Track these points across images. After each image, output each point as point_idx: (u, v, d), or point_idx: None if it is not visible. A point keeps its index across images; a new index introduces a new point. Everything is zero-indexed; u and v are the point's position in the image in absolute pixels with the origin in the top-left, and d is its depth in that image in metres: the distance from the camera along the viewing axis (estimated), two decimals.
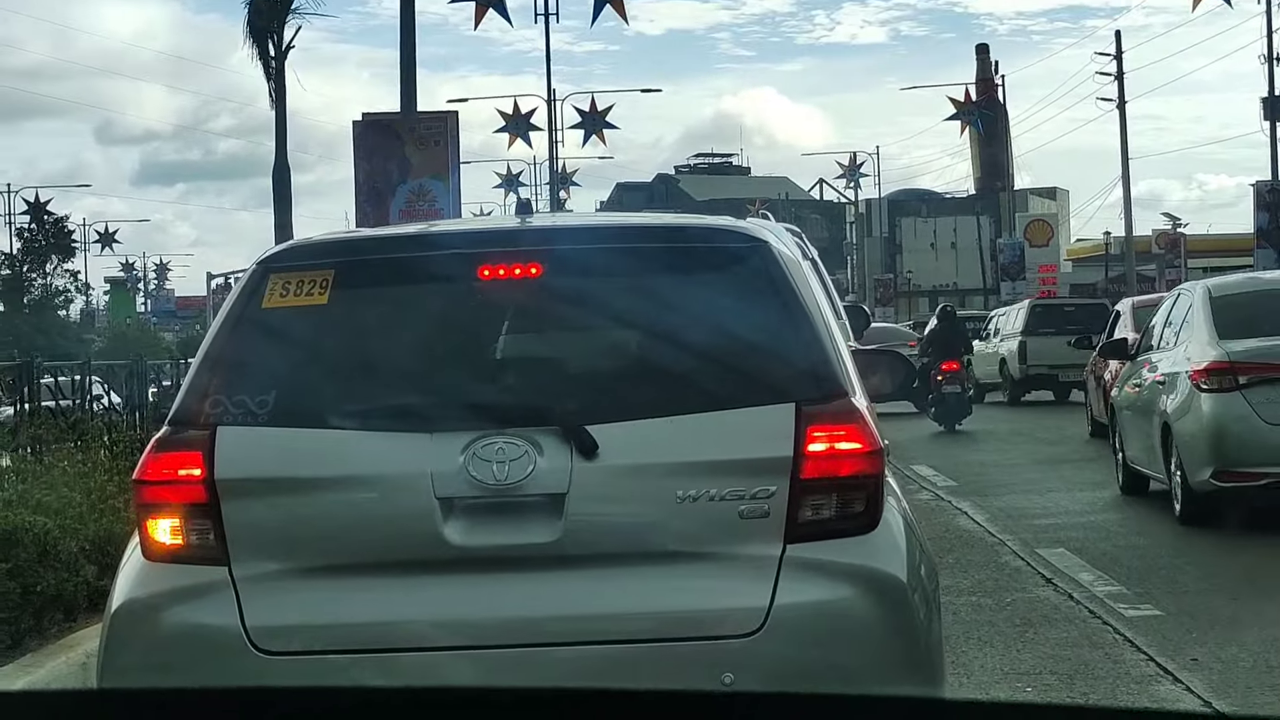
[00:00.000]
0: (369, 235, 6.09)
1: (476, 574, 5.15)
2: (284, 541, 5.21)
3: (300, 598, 5.16)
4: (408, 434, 5.20)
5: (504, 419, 5.20)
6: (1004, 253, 77.76)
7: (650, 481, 5.15)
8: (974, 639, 9.57)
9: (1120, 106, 61.50)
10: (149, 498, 5.35)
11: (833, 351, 5.41)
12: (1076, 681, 8.47)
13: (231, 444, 5.24)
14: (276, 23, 29.37)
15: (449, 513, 5.14)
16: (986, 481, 18.95)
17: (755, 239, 5.61)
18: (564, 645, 5.10)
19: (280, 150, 30.32)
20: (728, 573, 5.13)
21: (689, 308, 5.47)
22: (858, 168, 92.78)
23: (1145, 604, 10.44)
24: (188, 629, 5.20)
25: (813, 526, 5.17)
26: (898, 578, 5.23)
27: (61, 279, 72.06)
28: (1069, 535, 13.94)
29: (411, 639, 5.11)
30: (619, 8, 29.33)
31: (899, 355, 7.23)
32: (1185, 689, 8.20)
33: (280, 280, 5.48)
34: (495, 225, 6.36)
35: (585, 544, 5.14)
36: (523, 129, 61.14)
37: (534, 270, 5.47)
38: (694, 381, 5.32)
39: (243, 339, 5.45)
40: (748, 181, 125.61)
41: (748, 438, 5.19)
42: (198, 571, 5.24)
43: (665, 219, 6.75)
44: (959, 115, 71.48)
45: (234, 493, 5.21)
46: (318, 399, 5.37)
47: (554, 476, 5.13)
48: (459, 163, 26.37)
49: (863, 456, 5.25)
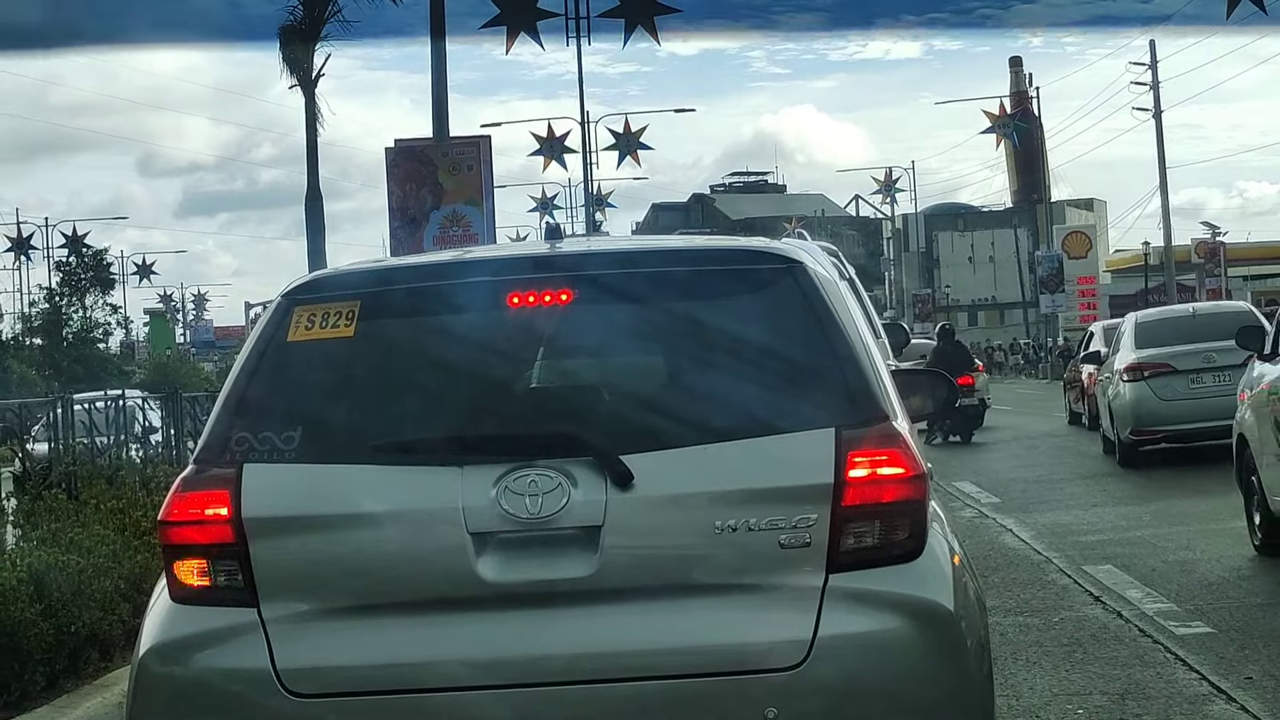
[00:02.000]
0: (395, 265, 5.97)
1: (511, 611, 5.02)
2: (314, 581, 5.09)
3: (331, 638, 5.04)
4: (438, 468, 5.08)
5: (536, 450, 5.07)
6: (1042, 265, 77.45)
7: (688, 512, 5.02)
8: (1022, 660, 9.45)
9: (1156, 115, 61.28)
10: (175, 539, 5.24)
11: (872, 374, 5.27)
12: (1128, 702, 8.32)
13: (258, 482, 5.13)
14: (306, 51, 29.36)
15: (482, 548, 5.02)
16: (1030, 497, 18.84)
17: (790, 260, 5.48)
18: (602, 683, 4.95)
19: (312, 177, 30.32)
20: (769, 605, 4.99)
21: (723, 332, 5.35)
22: (893, 183, 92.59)
23: (1196, 621, 10.29)
24: (217, 673, 5.08)
25: (855, 555, 5.03)
26: (945, 607, 5.08)
27: (101, 312, 72.35)
28: (1115, 551, 13.82)
29: (445, 679, 4.98)
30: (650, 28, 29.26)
31: (940, 374, 7.07)
32: (1240, 708, 8.05)
33: (305, 313, 5.38)
34: (524, 251, 6.23)
35: (622, 578, 5.01)
36: (557, 152, 61.27)
37: (564, 297, 5.35)
38: (730, 408, 5.18)
39: (268, 374, 5.34)
40: (783, 199, 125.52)
41: (787, 465, 5.05)
42: (226, 614, 5.12)
43: (697, 241, 6.62)
44: (994, 128, 71.33)
45: (262, 532, 5.10)
46: (345, 434, 5.26)
47: (589, 509, 5.00)
48: (493, 187, 26.31)
49: (906, 481, 5.11)
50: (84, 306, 70.55)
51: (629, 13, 28.89)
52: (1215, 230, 71.83)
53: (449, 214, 24.51)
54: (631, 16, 28.84)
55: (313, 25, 29.74)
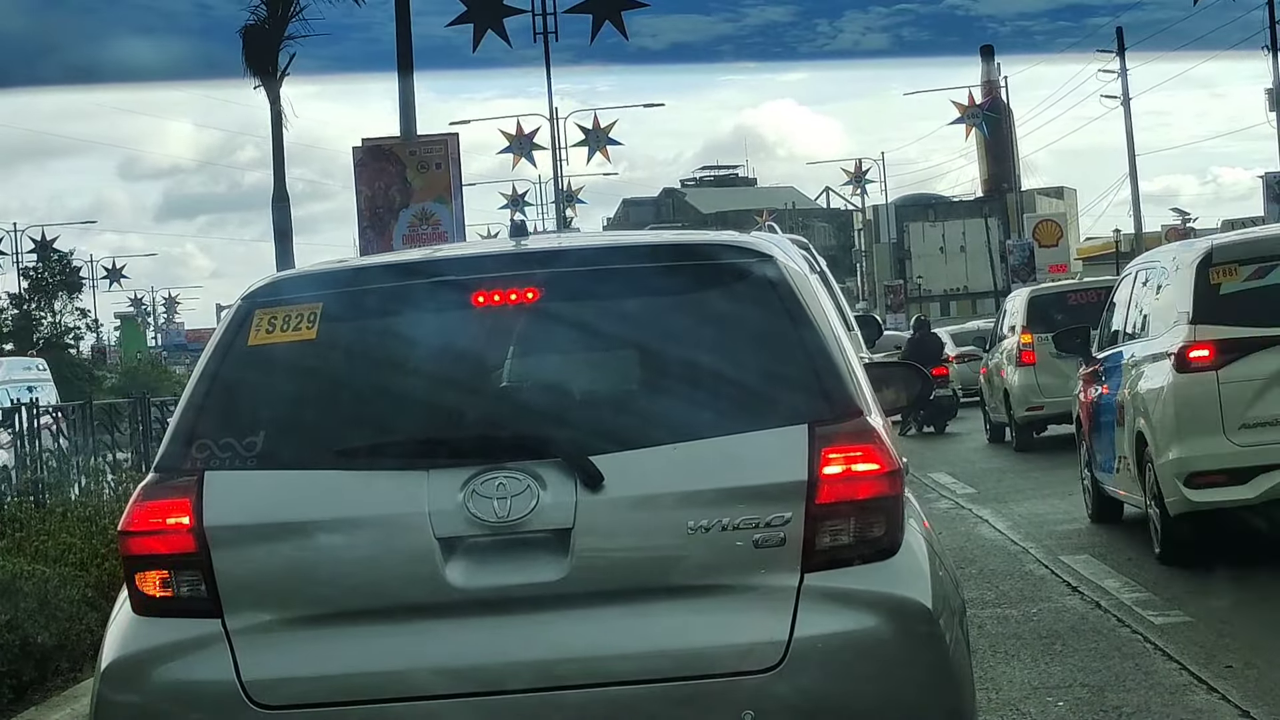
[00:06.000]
0: (357, 266, 5.86)
1: (481, 616, 4.92)
2: (278, 590, 4.99)
3: (297, 648, 4.95)
4: (404, 472, 4.98)
5: (504, 452, 4.98)
6: (1014, 254, 77.47)
7: (659, 512, 4.93)
8: (1001, 652, 9.39)
9: (1125, 103, 61.35)
10: (136, 549, 5.14)
11: (845, 368, 5.19)
12: (1108, 693, 8.27)
13: (220, 490, 5.03)
14: (270, 50, 29.21)
15: (450, 553, 4.92)
16: (1005, 487, 18.82)
17: (761, 254, 5.39)
18: (575, 689, 4.87)
19: (279, 179, 30.16)
20: (744, 605, 4.91)
21: (693, 328, 5.26)
22: (863, 174, 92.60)
23: (1174, 610, 10.25)
24: (181, 685, 4.99)
25: (831, 553, 4.95)
26: (922, 604, 5.00)
27: (71, 316, 72.04)
28: (1092, 540, 13.80)
29: (415, 688, 4.89)
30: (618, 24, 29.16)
31: (914, 367, 6.99)
32: (1221, 698, 8.00)
33: (265, 316, 5.28)
34: (489, 249, 6.12)
35: (594, 581, 4.92)
36: (526, 149, 61.13)
37: (530, 295, 5.26)
38: (701, 405, 5.09)
39: (228, 379, 5.24)
40: (754, 192, 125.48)
41: (760, 463, 4.97)
42: (190, 625, 5.02)
43: (666, 236, 6.54)
44: (963, 118, 71.36)
45: (224, 541, 5.00)
46: (309, 439, 5.16)
47: (558, 511, 4.91)
48: (461, 185, 26.20)
49: (881, 477, 5.03)
50: (53, 311, 70.27)
51: (596, 8, 28.84)
52: (1185, 216, 72.02)
53: (418, 212, 24.40)
54: (599, 12, 28.79)
55: (276, 25, 29.60)
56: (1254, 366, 11.51)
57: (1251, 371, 11.49)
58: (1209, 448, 11.47)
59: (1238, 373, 11.48)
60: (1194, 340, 11.64)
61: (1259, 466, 11.38)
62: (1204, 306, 11.76)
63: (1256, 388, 11.47)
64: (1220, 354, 11.56)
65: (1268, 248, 12.13)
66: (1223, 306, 11.74)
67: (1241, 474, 11.42)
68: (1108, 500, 14.21)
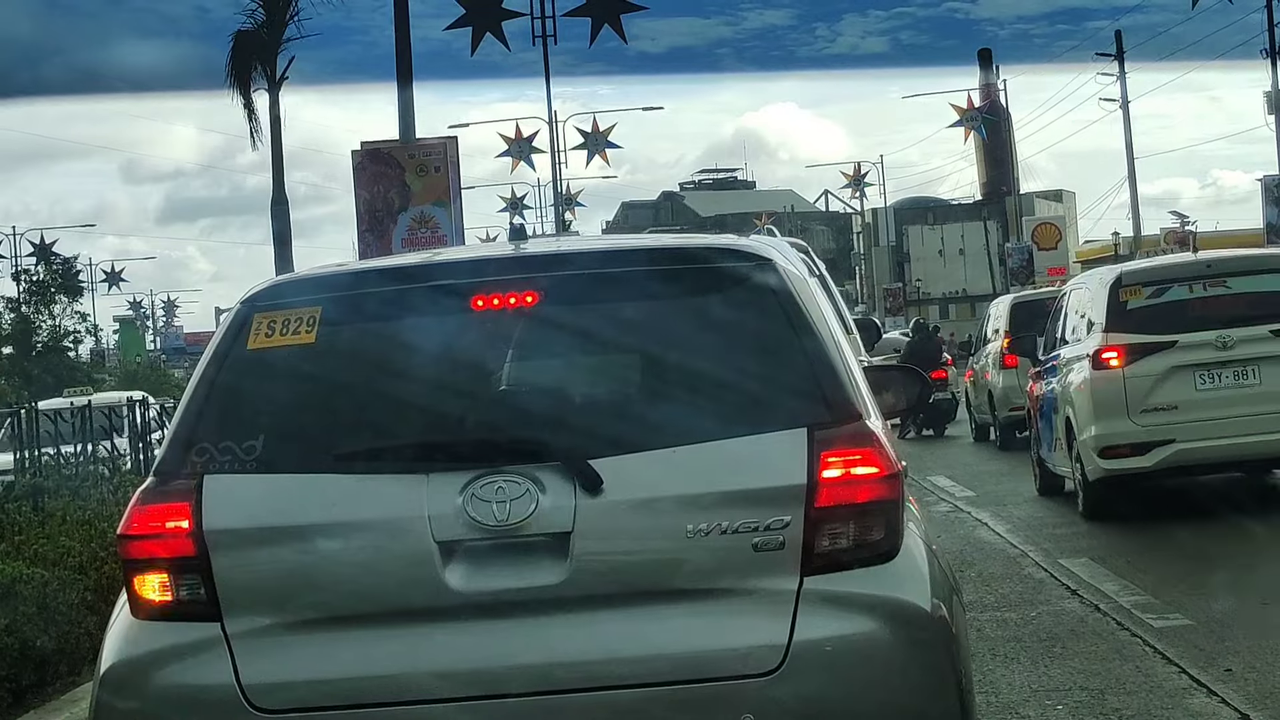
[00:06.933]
0: (356, 269, 5.86)
1: (480, 620, 4.92)
2: (278, 594, 4.98)
3: (297, 652, 4.94)
4: (403, 476, 4.98)
5: (503, 456, 4.98)
6: (1012, 257, 77.44)
7: (659, 516, 4.92)
8: (1000, 656, 9.39)
9: (1124, 106, 61.33)
10: (135, 553, 5.14)
11: (844, 372, 5.19)
12: (1108, 697, 8.27)
13: (219, 494, 5.02)
14: (269, 54, 29.19)
15: (449, 557, 4.92)
16: (1004, 490, 18.80)
17: (760, 257, 5.39)
18: (575, 693, 4.86)
19: (278, 182, 30.14)
20: (743, 609, 4.90)
21: (692, 332, 5.26)
22: (862, 177, 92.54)
23: (1174, 613, 10.23)
24: (181, 689, 4.98)
25: (830, 557, 4.94)
26: (921, 608, 5.00)
27: (70, 320, 71.91)
28: (1091, 543, 13.81)
29: (414, 691, 4.88)
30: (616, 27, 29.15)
31: (913, 370, 6.99)
32: (1221, 701, 8.00)
33: (265, 320, 5.27)
34: (488, 253, 6.12)
35: (593, 584, 4.92)
36: (525, 152, 61.11)
37: (530, 299, 5.25)
38: (700, 409, 5.09)
39: (227, 383, 5.23)
40: (753, 195, 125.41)
41: (759, 466, 4.96)
42: (189, 629, 5.01)
43: (665, 240, 6.53)
44: (962, 121, 71.34)
45: (224, 545, 4.99)
46: (308, 443, 5.16)
47: (558, 515, 4.91)
48: (460, 188, 26.15)
49: (880, 481, 5.03)
50: (52, 315, 70.15)
51: (595, 11, 28.81)
52: (1184, 219, 71.92)
53: (417, 215, 24.34)
54: (598, 15, 28.76)
55: (274, 29, 29.57)
56: (1151, 365, 14.70)
57: (1150, 369, 14.68)
58: (1117, 428, 14.65)
59: (1139, 370, 14.70)
60: (1106, 345, 14.89)
61: (1155, 442, 14.58)
62: (1114, 319, 15.01)
63: (1153, 381, 14.66)
64: (1126, 356, 14.76)
65: (1163, 274, 15.58)
66: (1129, 319, 15.00)
67: (1142, 448, 14.62)
68: (1051, 475, 17.03)
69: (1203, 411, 14.47)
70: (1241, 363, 14.62)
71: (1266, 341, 14.59)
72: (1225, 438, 14.45)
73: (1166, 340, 14.67)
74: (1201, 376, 14.61)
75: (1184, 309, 15.02)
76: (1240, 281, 15.21)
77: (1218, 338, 14.58)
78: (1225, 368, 14.61)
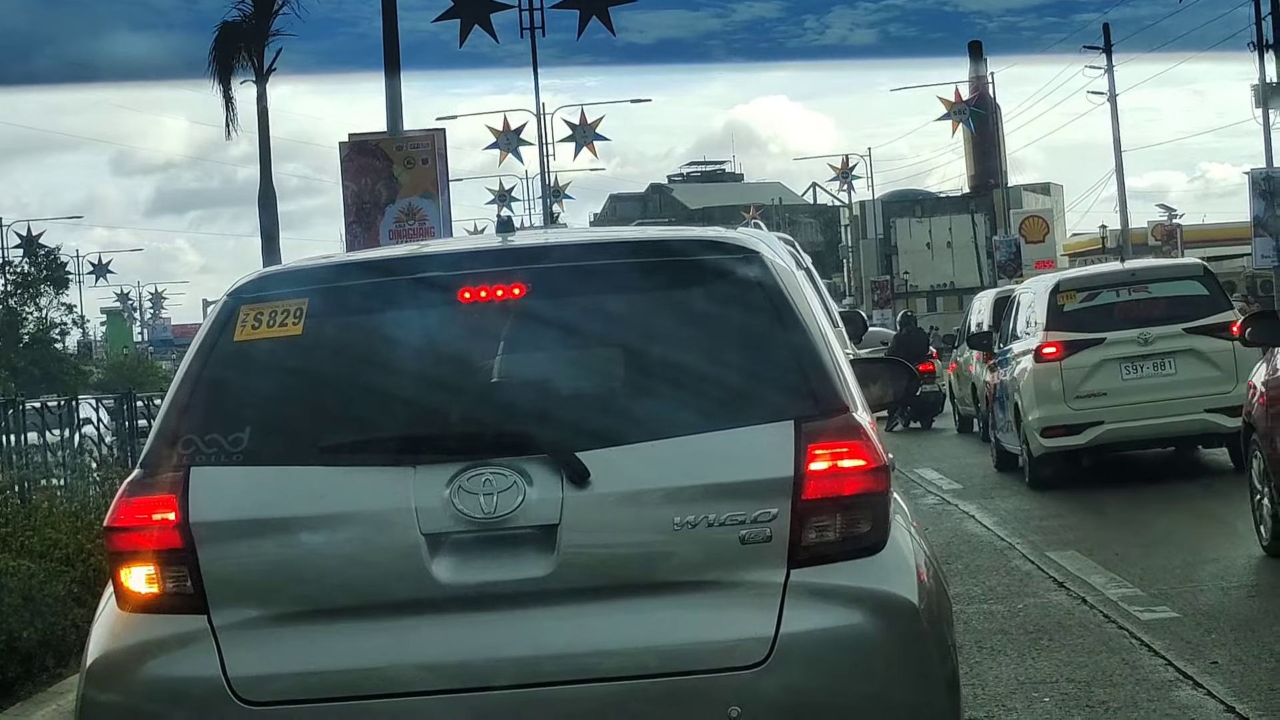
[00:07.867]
0: (343, 261, 5.85)
1: (467, 613, 4.91)
2: (265, 586, 4.98)
3: (283, 645, 4.94)
4: (390, 468, 4.97)
5: (490, 448, 4.97)
6: (1000, 250, 77.52)
7: (646, 509, 4.92)
8: (986, 648, 9.40)
9: (1112, 99, 61.36)
10: (121, 545, 5.13)
11: (831, 364, 5.19)
12: (1094, 689, 8.28)
13: (205, 486, 5.01)
14: (256, 46, 29.14)
15: (436, 549, 4.92)
16: (991, 483, 18.84)
17: (746, 250, 5.39)
18: (562, 685, 4.86)
19: (265, 174, 30.09)
20: (730, 602, 4.90)
21: (679, 324, 5.25)
22: (850, 170, 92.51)
23: (1161, 606, 10.26)
24: (167, 682, 4.97)
25: (817, 550, 4.94)
26: (909, 600, 5.00)
27: (57, 312, 71.71)
28: (1078, 536, 13.82)
29: (401, 684, 4.88)
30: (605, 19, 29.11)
31: (899, 363, 6.98)
32: (1207, 694, 8.01)
33: (251, 311, 5.26)
34: (475, 245, 6.11)
35: (580, 577, 4.91)
36: (512, 144, 61.05)
37: (517, 291, 5.24)
38: (687, 402, 5.09)
39: (214, 375, 5.22)
40: (741, 188, 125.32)
41: (746, 459, 4.96)
42: (175, 621, 5.01)
43: (651, 232, 6.53)
44: (950, 114, 71.35)
45: (210, 537, 4.98)
46: (294, 435, 5.15)
47: (545, 507, 4.91)
48: (448, 180, 26.13)
49: (867, 474, 5.03)
50: (38, 307, 69.97)
51: (584, 4, 28.78)
52: (1172, 213, 71.96)
53: (404, 207, 24.33)
54: (586, 8, 28.73)
55: (261, 20, 29.52)
56: (1084, 358, 17.34)
57: (1083, 362, 17.33)
58: (1055, 411, 17.32)
59: (1074, 363, 17.37)
60: (1046, 341, 17.60)
61: (1087, 423, 17.21)
62: (1053, 319, 17.76)
63: (1085, 372, 17.30)
64: (1063, 350, 17.45)
65: (1095, 281, 18.73)
66: (1065, 319, 17.71)
67: (1076, 429, 17.27)
68: (1005, 452, 19.66)
69: (1127, 397, 17.09)
70: (1160, 356, 17.23)
71: (1181, 338, 17.22)
72: (1146, 419, 17.03)
73: (1097, 337, 17.37)
74: (1126, 368, 17.24)
75: (1112, 311, 17.78)
76: (1159, 287, 17.98)
77: (1140, 335, 17.24)
78: (1146, 360, 17.24)
